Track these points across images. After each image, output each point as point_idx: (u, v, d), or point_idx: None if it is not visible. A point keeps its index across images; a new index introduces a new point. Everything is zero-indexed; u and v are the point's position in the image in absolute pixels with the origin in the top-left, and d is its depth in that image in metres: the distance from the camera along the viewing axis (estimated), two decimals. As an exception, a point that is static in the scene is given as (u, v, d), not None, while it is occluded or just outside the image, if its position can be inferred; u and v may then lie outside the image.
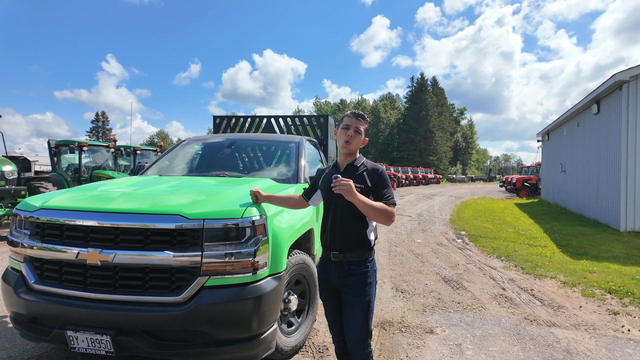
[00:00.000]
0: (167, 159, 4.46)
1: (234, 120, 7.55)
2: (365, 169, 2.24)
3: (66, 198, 2.75)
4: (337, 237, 2.19)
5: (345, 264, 2.17)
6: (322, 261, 2.30)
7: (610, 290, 4.89)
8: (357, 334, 2.16)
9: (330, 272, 2.22)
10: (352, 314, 2.16)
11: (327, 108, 79.37)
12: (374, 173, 2.20)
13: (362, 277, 2.17)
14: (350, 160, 2.27)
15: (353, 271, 2.16)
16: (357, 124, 2.22)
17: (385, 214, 2.08)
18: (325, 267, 2.26)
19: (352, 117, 2.24)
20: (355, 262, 2.17)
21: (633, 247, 7.58)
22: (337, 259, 2.19)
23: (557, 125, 16.77)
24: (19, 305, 2.58)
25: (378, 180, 2.18)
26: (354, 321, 2.16)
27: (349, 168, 2.25)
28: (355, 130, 2.22)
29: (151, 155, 14.35)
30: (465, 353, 3.23)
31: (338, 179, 2.03)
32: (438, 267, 6.14)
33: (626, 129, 9.37)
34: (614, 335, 3.65)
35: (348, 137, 2.20)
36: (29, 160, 10.93)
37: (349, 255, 2.17)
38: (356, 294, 2.15)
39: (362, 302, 2.15)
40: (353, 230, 2.17)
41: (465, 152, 76.46)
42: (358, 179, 2.17)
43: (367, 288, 2.17)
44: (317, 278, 2.35)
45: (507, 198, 22.51)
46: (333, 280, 2.22)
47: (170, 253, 2.35)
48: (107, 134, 73.94)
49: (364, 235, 2.20)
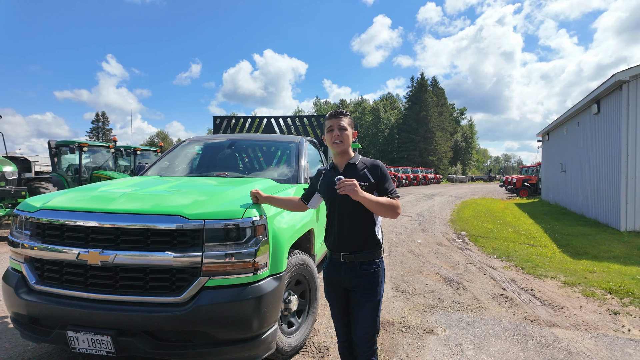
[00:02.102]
0: (167, 159, 4.46)
1: (234, 120, 7.56)
2: (365, 166, 2.24)
3: (67, 199, 2.76)
4: (346, 238, 2.18)
5: (356, 265, 2.16)
6: (331, 263, 2.26)
7: (610, 290, 4.89)
8: (366, 331, 2.16)
9: (340, 274, 2.20)
10: (362, 312, 2.16)
11: (327, 108, 79.35)
12: (375, 169, 2.21)
13: (373, 277, 2.17)
14: (347, 159, 2.27)
15: (364, 271, 2.16)
16: (338, 122, 2.22)
17: (391, 208, 2.11)
18: (334, 268, 2.24)
19: (331, 118, 2.25)
20: (366, 262, 2.17)
21: (633, 247, 7.57)
22: (347, 259, 2.18)
23: (557, 125, 16.77)
24: (20, 306, 2.59)
25: (380, 175, 2.19)
26: (364, 319, 2.16)
27: (349, 167, 2.25)
28: (340, 128, 2.22)
29: (151, 155, 14.35)
30: (466, 353, 3.23)
31: (342, 180, 2.02)
32: (438, 267, 6.14)
33: (626, 128, 9.37)
34: (614, 335, 3.65)
35: (335, 137, 2.21)
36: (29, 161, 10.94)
37: (360, 256, 2.16)
38: (368, 294, 2.15)
39: (373, 301, 2.15)
40: (362, 229, 2.17)
41: (465, 152, 76.46)
42: (361, 177, 2.17)
43: (378, 287, 2.18)
44: (325, 280, 2.31)
45: (507, 198, 22.50)
46: (344, 281, 2.20)
47: (170, 253, 2.35)
48: (107, 135, 73.98)
49: (373, 234, 2.20)
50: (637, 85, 9.26)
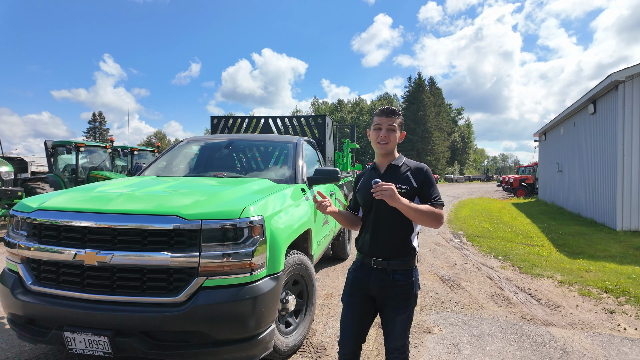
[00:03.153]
0: (164, 159, 4.45)
1: (231, 120, 7.55)
2: (409, 168, 2.08)
3: (63, 199, 2.75)
4: (380, 243, 2.05)
5: (389, 273, 2.03)
6: (361, 267, 2.12)
7: (606, 289, 4.92)
8: (397, 343, 2.07)
9: (370, 279, 2.06)
10: (393, 324, 2.05)
11: (325, 108, 79.42)
12: (418, 173, 2.05)
13: (407, 289, 2.03)
14: (390, 160, 2.11)
15: (398, 282, 2.02)
16: (388, 122, 2.05)
17: (433, 216, 1.95)
18: (364, 273, 2.09)
19: (382, 116, 2.07)
20: (399, 271, 2.03)
21: (629, 246, 7.62)
22: (379, 265, 2.04)
23: (554, 125, 16.84)
24: (16, 307, 2.57)
25: (424, 180, 2.03)
26: (394, 331, 2.06)
27: (391, 169, 2.10)
28: (388, 129, 2.06)
29: (149, 155, 14.32)
30: (463, 352, 3.24)
31: (379, 184, 1.88)
32: (436, 266, 6.16)
33: (622, 128, 9.42)
34: (610, 334, 3.67)
35: (382, 138, 2.05)
36: (25, 161, 10.91)
37: (393, 263, 2.03)
38: (401, 306, 2.03)
39: (404, 313, 2.04)
40: (397, 236, 2.03)
41: (462, 152, 76.71)
42: (402, 180, 2.02)
43: (411, 300, 2.05)
44: (349, 282, 2.17)
45: (505, 198, 22.58)
46: (373, 288, 2.06)
47: (168, 254, 2.35)
48: (104, 135, 73.74)
49: (409, 242, 2.05)
50: (632, 86, 9.32)
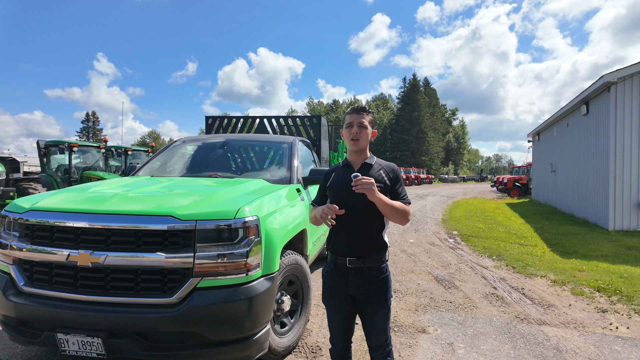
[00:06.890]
0: (159, 159, 4.43)
1: (226, 120, 7.53)
2: (381, 167, 2.17)
3: (56, 199, 2.73)
4: (356, 242, 2.08)
5: (365, 271, 2.07)
6: (336, 268, 2.13)
7: (599, 289, 4.96)
8: (381, 339, 2.12)
9: (347, 280, 2.09)
10: (375, 321, 2.11)
11: (321, 108, 79.44)
12: (391, 171, 2.15)
13: (383, 284, 2.10)
14: (364, 159, 2.18)
15: (374, 278, 2.08)
16: (359, 118, 2.13)
17: (403, 214, 2.04)
18: (340, 274, 2.11)
19: (352, 113, 2.15)
20: (374, 267, 2.09)
21: (621, 245, 7.70)
22: (354, 265, 2.08)
23: (547, 125, 16.97)
24: (8, 308, 2.55)
25: (395, 178, 2.14)
26: (377, 328, 2.11)
27: (365, 167, 2.15)
28: (359, 125, 2.12)
29: (143, 155, 14.24)
30: (457, 352, 3.26)
31: (359, 178, 1.93)
32: (430, 266, 6.18)
33: (614, 129, 9.52)
34: (602, 332, 3.71)
35: (354, 134, 2.12)
36: (17, 161, 10.82)
37: (368, 260, 2.08)
38: (379, 302, 2.09)
39: (384, 308, 2.10)
40: (372, 233, 2.09)
41: (457, 152, 77.10)
42: (377, 177, 2.08)
43: (388, 294, 2.12)
44: (326, 286, 2.20)
45: (499, 198, 22.71)
46: (351, 288, 2.09)
47: (162, 254, 2.34)
48: (97, 134, 73.15)
49: (382, 237, 2.12)
50: (624, 87, 9.42)
